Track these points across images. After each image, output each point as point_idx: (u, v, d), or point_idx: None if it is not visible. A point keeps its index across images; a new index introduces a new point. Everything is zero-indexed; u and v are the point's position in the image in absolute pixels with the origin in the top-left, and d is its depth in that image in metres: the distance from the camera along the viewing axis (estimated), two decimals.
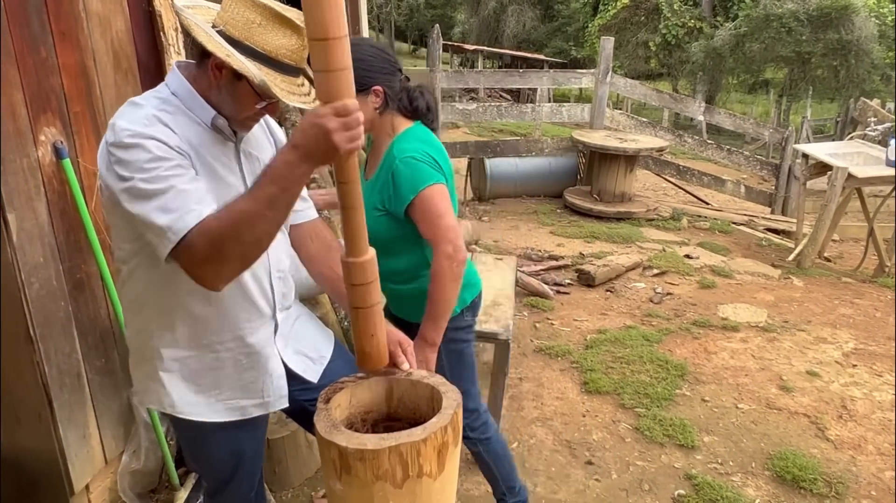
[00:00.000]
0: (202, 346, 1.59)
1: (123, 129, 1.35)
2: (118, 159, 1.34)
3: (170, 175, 1.34)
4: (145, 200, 1.32)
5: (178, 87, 1.49)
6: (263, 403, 1.69)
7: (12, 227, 2.07)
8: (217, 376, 1.62)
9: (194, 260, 1.34)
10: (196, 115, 1.48)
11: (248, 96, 1.45)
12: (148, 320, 1.58)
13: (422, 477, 1.46)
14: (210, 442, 1.71)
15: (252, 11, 1.41)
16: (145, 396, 1.68)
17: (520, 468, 2.92)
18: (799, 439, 3.16)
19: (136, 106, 1.43)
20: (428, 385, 1.64)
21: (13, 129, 2.08)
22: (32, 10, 2.14)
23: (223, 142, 1.54)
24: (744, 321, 4.43)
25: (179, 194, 1.33)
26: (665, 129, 8.59)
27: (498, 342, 2.85)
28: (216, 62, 1.41)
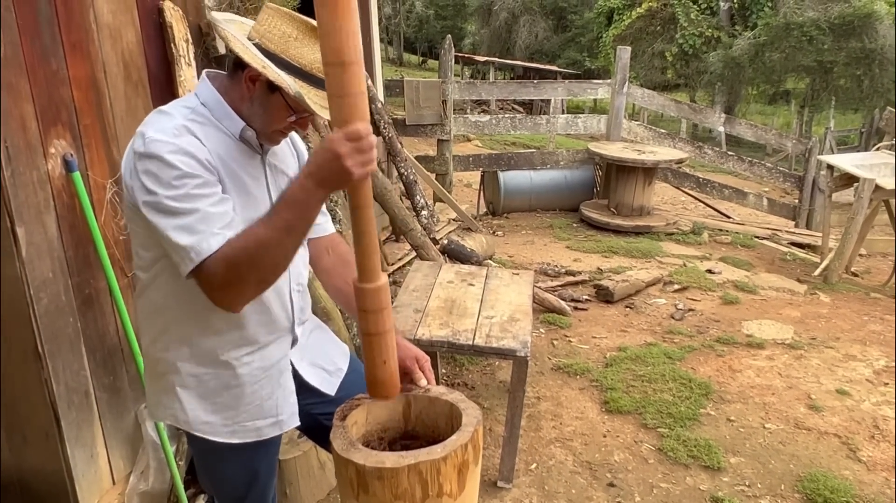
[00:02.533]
0: (220, 363, 1.59)
1: (152, 140, 1.36)
2: (146, 170, 1.36)
3: (197, 195, 1.37)
4: (170, 217, 1.35)
5: (208, 97, 1.50)
6: (278, 422, 1.69)
7: (21, 241, 2.09)
8: (233, 395, 1.62)
9: (213, 283, 1.36)
10: (225, 127, 1.50)
11: (281, 109, 1.47)
12: (165, 331, 1.58)
13: (441, 496, 1.46)
14: (225, 461, 1.72)
15: (289, 25, 1.44)
16: (158, 410, 1.68)
17: (539, 491, 2.91)
18: (830, 460, 3.12)
19: (164, 115, 1.45)
20: (447, 402, 1.64)
21: (23, 142, 2.10)
22: (44, 22, 2.17)
23: (251, 154, 1.55)
24: (769, 338, 4.40)
25: (205, 217, 1.36)
26: (683, 141, 8.58)
27: (516, 359, 2.84)
28: (251, 74, 1.44)
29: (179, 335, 1.57)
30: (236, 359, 1.60)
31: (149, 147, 1.36)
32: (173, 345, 1.59)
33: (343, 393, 1.78)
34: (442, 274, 3.61)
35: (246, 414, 1.64)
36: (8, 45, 2.03)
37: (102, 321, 2.46)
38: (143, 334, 1.65)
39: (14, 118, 2.06)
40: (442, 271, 3.66)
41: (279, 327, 1.64)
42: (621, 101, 7.72)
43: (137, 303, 1.62)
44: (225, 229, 1.37)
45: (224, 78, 1.53)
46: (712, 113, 9.52)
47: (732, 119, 9.15)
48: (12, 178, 2.05)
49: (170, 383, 1.61)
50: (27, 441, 2.33)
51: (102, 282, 2.43)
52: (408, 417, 1.70)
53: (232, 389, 1.62)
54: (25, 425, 2.30)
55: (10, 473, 2.39)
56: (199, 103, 1.50)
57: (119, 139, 2.52)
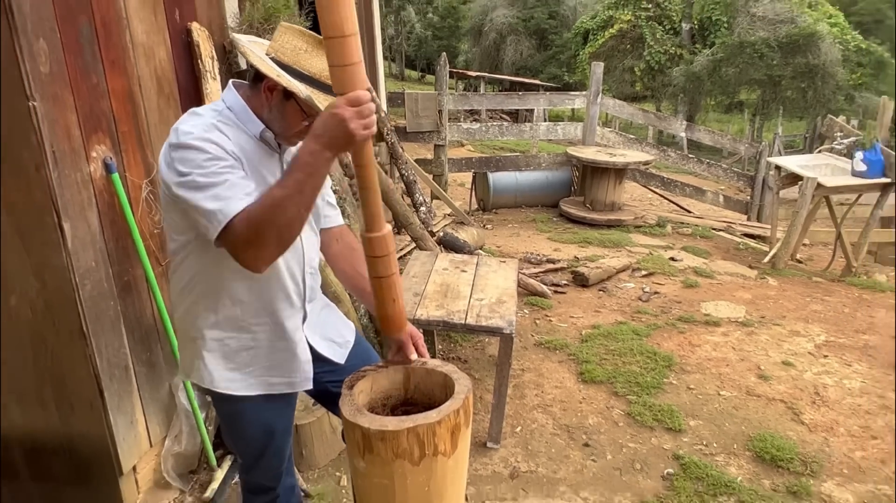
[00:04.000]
0: (241, 328, 1.62)
1: (185, 133, 1.39)
2: (179, 158, 1.38)
3: (223, 172, 1.38)
4: (200, 191, 1.36)
5: (234, 103, 1.53)
6: (290, 383, 1.71)
7: (67, 234, 2.09)
8: (251, 355, 1.65)
9: (237, 242, 1.37)
10: (247, 128, 1.52)
11: (296, 114, 1.48)
12: (195, 303, 1.61)
13: (437, 455, 1.47)
14: (245, 418, 1.73)
15: (300, 40, 1.46)
16: (191, 373, 1.71)
17: (523, 450, 2.92)
18: (776, 423, 3.14)
19: (195, 115, 1.48)
20: (442, 373, 1.64)
21: (68, 147, 2.09)
22: (85, 42, 2.16)
23: (269, 153, 1.57)
24: (724, 317, 4.41)
25: (231, 186, 1.37)
26: (650, 145, 8.57)
27: (503, 336, 2.84)
28: (269, 84, 1.46)
29: (206, 305, 1.60)
30: (255, 325, 1.63)
31: (181, 138, 1.39)
32: (202, 314, 1.61)
33: (350, 362, 1.80)
34: (438, 262, 3.61)
35: (260, 369, 1.67)
36: (54, 61, 2.02)
37: (139, 304, 2.46)
38: (176, 307, 1.67)
39: (60, 126, 2.06)
40: (438, 260, 3.66)
41: (292, 302, 1.66)
42: (595, 110, 7.71)
43: (171, 280, 1.65)
44: (247, 197, 1.38)
45: (247, 87, 1.56)
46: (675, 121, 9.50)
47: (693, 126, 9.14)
48: (59, 180, 2.05)
49: (197, 347, 1.64)
50: (74, 410, 2.33)
51: (139, 270, 2.43)
52: (407, 387, 1.71)
53: (250, 350, 1.65)
54: (72, 396, 2.31)
55: (59, 439, 2.39)
56: (225, 107, 1.52)
57: (153, 145, 2.51)
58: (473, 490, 2.65)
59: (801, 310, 4.66)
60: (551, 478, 2.74)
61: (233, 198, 1.36)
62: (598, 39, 22.78)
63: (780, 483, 2.72)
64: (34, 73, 1.94)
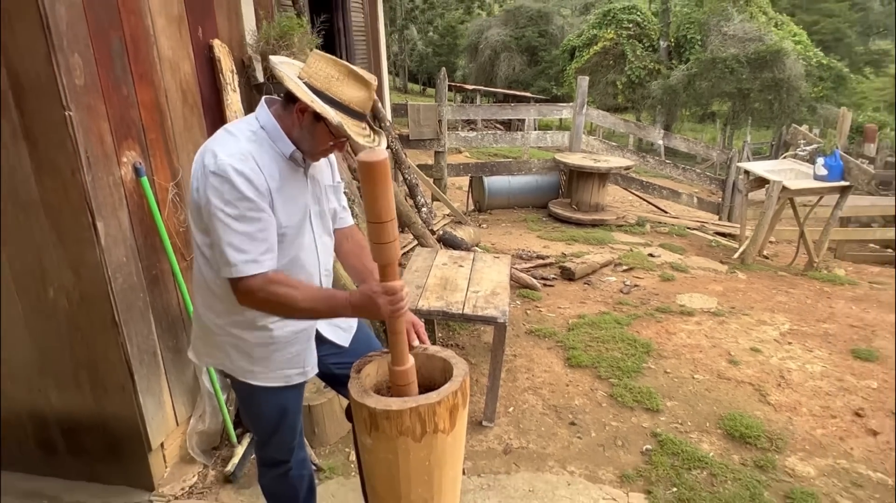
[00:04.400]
0: (258, 328, 1.60)
1: (223, 160, 1.40)
2: (213, 186, 1.40)
3: (249, 217, 1.42)
4: (224, 229, 1.41)
5: (266, 122, 1.52)
6: (303, 372, 1.72)
7: (101, 232, 2.09)
8: (269, 350, 1.64)
9: (239, 295, 1.47)
10: (278, 147, 1.51)
11: (324, 135, 1.49)
12: (216, 300, 1.60)
13: (437, 432, 1.47)
14: (261, 400, 1.73)
15: (332, 68, 1.46)
16: (209, 359, 1.71)
17: (515, 429, 2.92)
18: (745, 403, 3.15)
19: (231, 136, 1.48)
20: (441, 358, 1.65)
21: (101, 153, 2.09)
22: (116, 57, 2.15)
23: (296, 169, 1.56)
24: (698, 307, 4.41)
25: (252, 239, 1.42)
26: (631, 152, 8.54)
27: (497, 325, 2.84)
28: (300, 106, 1.46)
29: (226, 307, 1.58)
30: (272, 325, 1.62)
31: (219, 166, 1.40)
32: (222, 314, 1.61)
33: (353, 346, 1.80)
34: (438, 258, 3.61)
35: (277, 364, 1.67)
36: (87, 74, 2.02)
37: (166, 296, 2.46)
38: (197, 300, 1.67)
39: (93, 134, 2.05)
40: (438, 256, 3.66)
41: None
42: (581, 120, 7.70)
43: (194, 276, 1.64)
44: (264, 254, 1.44)
45: (279, 106, 1.54)
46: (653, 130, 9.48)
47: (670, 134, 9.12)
48: (93, 182, 2.05)
49: (220, 341, 1.64)
50: (107, 392, 2.33)
51: (166, 265, 2.43)
52: None
53: (267, 346, 1.64)
54: (106, 380, 2.31)
55: (93, 418, 2.39)
56: (259, 127, 1.52)
57: (178, 151, 2.51)
58: (470, 464, 2.65)
59: (767, 301, 4.67)
60: (541, 453, 2.75)
61: (251, 253, 1.42)
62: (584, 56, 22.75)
63: (749, 458, 2.72)
64: (70, 85, 1.94)
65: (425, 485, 1.52)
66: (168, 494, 2.45)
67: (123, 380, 2.28)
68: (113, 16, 2.13)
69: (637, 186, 8.35)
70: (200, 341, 1.72)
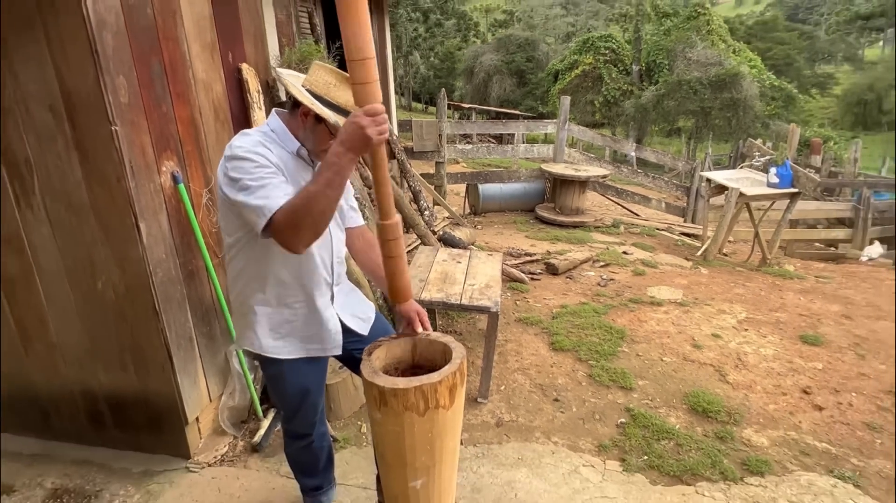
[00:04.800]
0: (283, 305, 1.63)
1: (239, 147, 1.42)
2: (233, 167, 1.41)
3: (267, 177, 1.40)
4: (249, 192, 1.38)
5: (276, 126, 1.54)
6: (322, 348, 1.72)
7: (143, 232, 2.08)
8: (291, 327, 1.66)
9: (280, 230, 1.37)
10: (286, 146, 1.53)
11: (325, 134, 1.50)
12: (247, 285, 1.62)
13: (438, 408, 1.46)
14: (286, 379, 1.73)
15: (330, 76, 1.47)
16: (243, 341, 1.71)
17: (506, 404, 2.92)
18: (707, 382, 3.15)
19: (245, 135, 1.50)
20: (442, 342, 1.64)
21: (143, 163, 2.08)
22: (156, 78, 2.14)
23: (304, 166, 1.57)
24: (665, 298, 4.41)
25: (273, 188, 1.39)
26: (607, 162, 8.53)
27: (490, 313, 2.84)
28: (304, 110, 1.48)
29: (255, 287, 1.61)
30: (294, 303, 1.64)
31: (234, 151, 1.42)
32: (251, 294, 1.62)
33: (371, 334, 1.80)
34: (438, 255, 3.60)
35: (298, 338, 1.68)
36: (131, 94, 2.01)
37: (201, 289, 2.46)
38: (232, 289, 1.68)
39: (136, 146, 2.05)
40: (438, 253, 3.65)
41: (323, 284, 1.66)
42: (563, 134, 7.69)
43: (227, 269, 1.66)
44: (286, 196, 1.39)
45: (286, 112, 1.57)
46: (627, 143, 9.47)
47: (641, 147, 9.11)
48: (136, 189, 2.04)
49: (249, 320, 1.65)
50: (149, 372, 2.33)
51: (200, 261, 2.43)
52: (414, 354, 1.70)
53: (291, 323, 1.65)
54: (147, 361, 2.31)
55: (136, 395, 2.39)
56: (269, 130, 1.54)
57: (211, 161, 2.50)
58: (467, 435, 2.65)
59: (726, 293, 4.67)
60: (528, 426, 2.75)
61: (275, 197, 1.38)
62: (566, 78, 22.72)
63: (710, 430, 2.72)
64: (116, 104, 1.93)
65: (428, 453, 1.52)
66: (203, 462, 2.45)
67: (163, 361, 2.28)
68: (153, 42, 2.12)
69: (612, 192, 8.35)
70: (236, 326, 1.73)
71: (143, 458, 2.48)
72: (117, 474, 2.41)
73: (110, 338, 2.29)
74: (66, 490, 2.34)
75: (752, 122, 18.71)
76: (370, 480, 2.30)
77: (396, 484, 1.58)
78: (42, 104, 1.95)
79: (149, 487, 2.33)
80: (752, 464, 2.46)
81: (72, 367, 2.41)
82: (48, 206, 2.11)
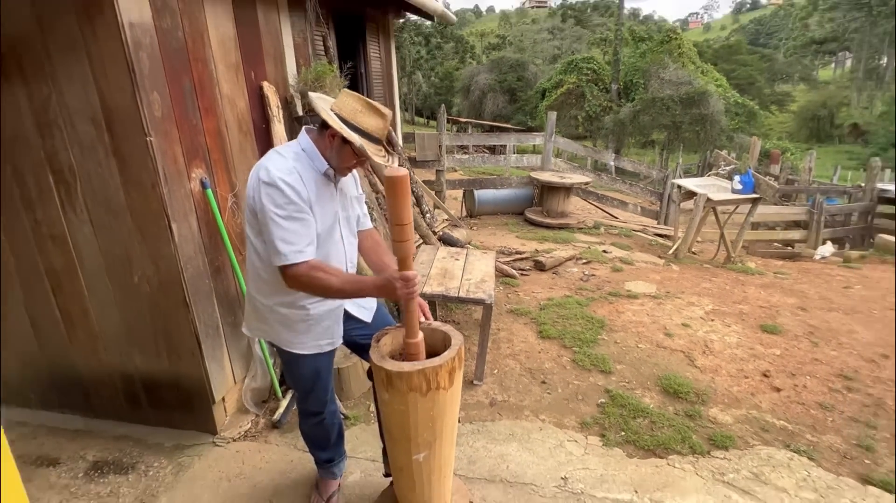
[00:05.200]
0: (299, 307, 1.60)
1: (274, 173, 1.42)
2: (267, 193, 1.41)
3: (294, 217, 1.42)
4: (276, 228, 1.41)
5: (306, 145, 1.53)
6: (332, 342, 1.72)
7: (175, 232, 2.08)
8: (306, 325, 1.64)
9: (287, 279, 1.46)
10: (315, 165, 1.52)
11: (349, 155, 1.50)
12: (264, 285, 1.60)
13: (439, 389, 1.46)
14: (299, 364, 1.72)
15: (357, 103, 1.47)
16: (259, 332, 1.71)
17: (499, 386, 2.92)
18: (677, 367, 3.15)
19: (280, 156, 1.49)
20: (442, 331, 1.64)
21: (175, 170, 2.08)
22: (187, 95, 2.14)
23: (328, 184, 1.57)
24: (641, 292, 4.42)
25: (297, 234, 1.43)
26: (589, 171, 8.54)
27: (485, 305, 2.84)
28: (332, 132, 1.48)
29: (272, 290, 1.59)
30: (309, 305, 1.61)
31: (271, 177, 1.41)
32: (269, 296, 1.60)
33: (374, 322, 1.80)
34: (438, 253, 3.60)
35: (312, 336, 1.67)
36: (164, 108, 2.00)
37: (226, 282, 2.45)
38: (250, 286, 1.67)
39: (169, 155, 2.04)
40: (438, 251, 3.65)
41: None
42: (550, 145, 7.68)
43: (248, 268, 1.64)
44: (308, 246, 1.44)
45: (315, 132, 1.56)
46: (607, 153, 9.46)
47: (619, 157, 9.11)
48: (169, 193, 2.04)
49: (267, 317, 1.64)
50: (180, 357, 2.32)
51: (225, 258, 2.42)
52: None
53: (306, 322, 1.64)
54: (179, 347, 2.30)
55: (169, 377, 2.39)
56: (300, 149, 1.53)
57: (235, 169, 2.49)
58: (464, 414, 2.65)
59: (695, 287, 4.67)
60: (519, 405, 2.75)
61: (297, 245, 1.42)
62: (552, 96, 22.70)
63: (680, 409, 2.72)
64: (150, 117, 1.93)
65: (429, 430, 1.52)
66: (228, 437, 2.45)
67: (192, 347, 2.27)
68: (184, 63, 2.11)
69: (594, 198, 8.35)
70: (252, 318, 1.71)
71: (174, 434, 2.48)
72: (151, 448, 2.41)
73: (145, 327, 2.29)
74: (105, 462, 2.34)
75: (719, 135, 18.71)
76: (377, 453, 2.31)
77: (401, 456, 1.58)
78: (84, 117, 1.95)
79: (180, 460, 2.33)
80: (718, 440, 2.47)
81: (111, 352, 2.41)
82: (90, 208, 2.11)
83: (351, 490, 2.12)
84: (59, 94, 1.94)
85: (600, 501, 2.08)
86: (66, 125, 1.98)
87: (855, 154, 26.89)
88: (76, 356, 2.47)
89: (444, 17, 5.23)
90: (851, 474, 2.28)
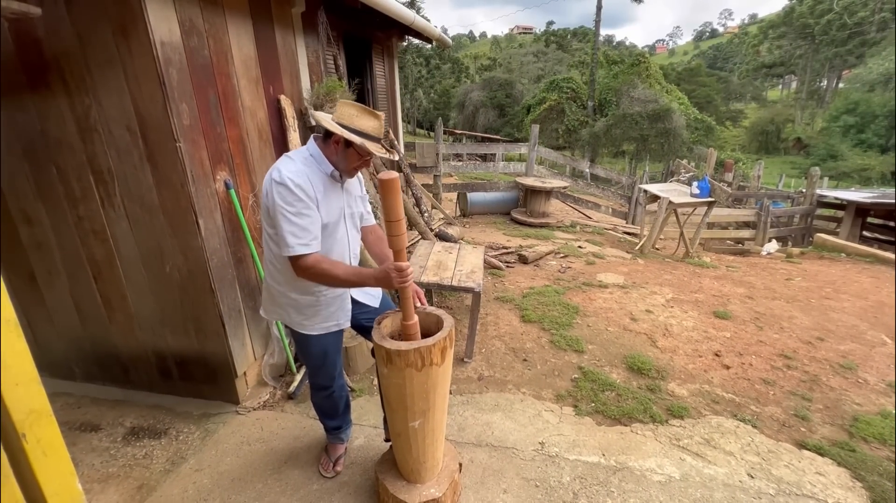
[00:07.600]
0: (309, 293, 1.60)
1: (285, 175, 1.42)
2: (278, 191, 1.41)
3: (303, 213, 1.42)
4: (286, 222, 1.41)
5: (314, 151, 1.53)
6: (338, 324, 1.71)
7: (202, 227, 2.06)
8: (316, 310, 1.63)
9: (297, 269, 1.46)
10: (322, 168, 1.51)
11: (353, 156, 1.50)
12: (278, 273, 1.59)
13: (432, 365, 1.46)
14: (310, 343, 1.72)
15: (352, 109, 1.48)
16: (274, 315, 1.70)
17: (486, 363, 2.92)
18: (641, 347, 3.16)
19: (290, 160, 1.48)
20: (436, 314, 1.63)
21: (201, 173, 2.06)
22: (212, 106, 2.11)
23: (334, 185, 1.56)
24: (611, 282, 4.42)
25: (304, 229, 1.42)
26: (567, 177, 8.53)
27: (474, 293, 2.84)
28: (336, 139, 1.48)
29: (285, 278, 1.58)
30: (318, 292, 1.61)
31: (283, 177, 1.41)
32: (283, 283, 1.60)
33: (381, 305, 1.79)
34: (434, 247, 3.59)
35: (321, 319, 1.66)
36: (192, 117, 1.98)
37: (247, 272, 2.44)
38: (266, 274, 1.66)
39: (196, 160, 2.02)
40: (434, 246, 3.64)
41: None
42: (533, 154, 7.66)
43: (264, 258, 1.63)
44: (313, 240, 1.44)
45: (320, 139, 1.55)
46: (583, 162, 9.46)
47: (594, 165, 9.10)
48: (196, 193, 2.01)
49: (281, 302, 1.63)
50: (207, 337, 2.31)
51: (246, 250, 2.41)
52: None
53: (315, 306, 1.63)
54: (206, 328, 2.29)
55: (197, 354, 2.38)
56: (309, 154, 1.52)
57: (255, 172, 2.47)
58: (455, 387, 2.66)
59: (657, 278, 4.69)
60: (503, 380, 2.75)
61: (304, 239, 1.41)
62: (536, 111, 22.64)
63: (643, 384, 2.74)
64: (179, 125, 1.90)
65: (424, 401, 1.52)
66: (249, 407, 2.44)
67: (217, 328, 2.26)
68: (210, 77, 2.09)
69: (571, 200, 8.34)
70: (269, 303, 1.71)
71: (201, 404, 2.48)
72: (181, 416, 2.40)
73: (176, 310, 2.27)
74: (141, 428, 2.33)
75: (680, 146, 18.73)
76: (379, 421, 2.31)
77: (399, 424, 1.58)
78: (121, 125, 1.92)
79: (206, 426, 2.32)
80: (675, 410, 2.48)
81: (146, 332, 2.39)
82: (126, 205, 2.08)
83: (356, 453, 2.12)
84: (98, 103, 1.91)
85: (572, 463, 2.09)
86: (105, 131, 1.96)
87: (798, 164, 27.00)
88: (115, 335, 2.45)
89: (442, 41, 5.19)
90: (789, 440, 2.30)
